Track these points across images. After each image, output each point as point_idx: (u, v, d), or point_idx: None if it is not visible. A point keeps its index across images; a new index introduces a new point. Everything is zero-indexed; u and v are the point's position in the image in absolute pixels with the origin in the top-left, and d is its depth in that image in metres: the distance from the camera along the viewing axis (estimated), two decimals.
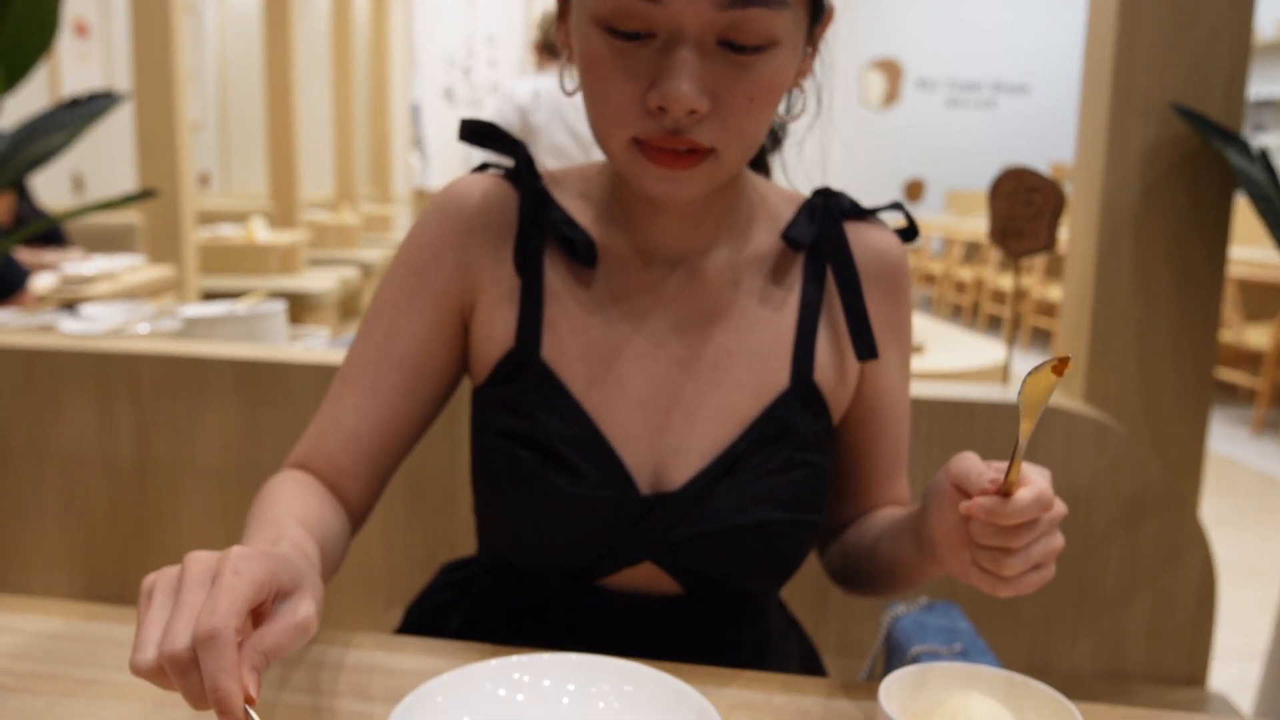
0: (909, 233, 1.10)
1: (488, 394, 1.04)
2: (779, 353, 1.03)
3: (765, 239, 1.06)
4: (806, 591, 1.62)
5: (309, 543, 0.87)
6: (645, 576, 1.01)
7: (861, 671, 1.38)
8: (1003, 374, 1.76)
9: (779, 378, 1.03)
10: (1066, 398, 1.60)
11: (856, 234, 1.07)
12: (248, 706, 0.65)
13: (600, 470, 0.99)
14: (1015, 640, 1.61)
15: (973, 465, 0.85)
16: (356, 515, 1.08)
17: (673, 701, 0.86)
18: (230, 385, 1.83)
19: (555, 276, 1.04)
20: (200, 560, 0.69)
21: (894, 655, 1.38)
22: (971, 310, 9.12)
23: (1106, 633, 1.58)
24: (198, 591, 0.67)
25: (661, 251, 1.04)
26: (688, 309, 1.03)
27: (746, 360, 1.02)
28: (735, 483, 0.99)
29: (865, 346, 1.04)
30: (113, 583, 1.98)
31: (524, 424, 1.00)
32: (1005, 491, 0.81)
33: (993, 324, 8.83)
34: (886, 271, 1.08)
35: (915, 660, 1.28)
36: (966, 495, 0.85)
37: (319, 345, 2.38)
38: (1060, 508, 0.84)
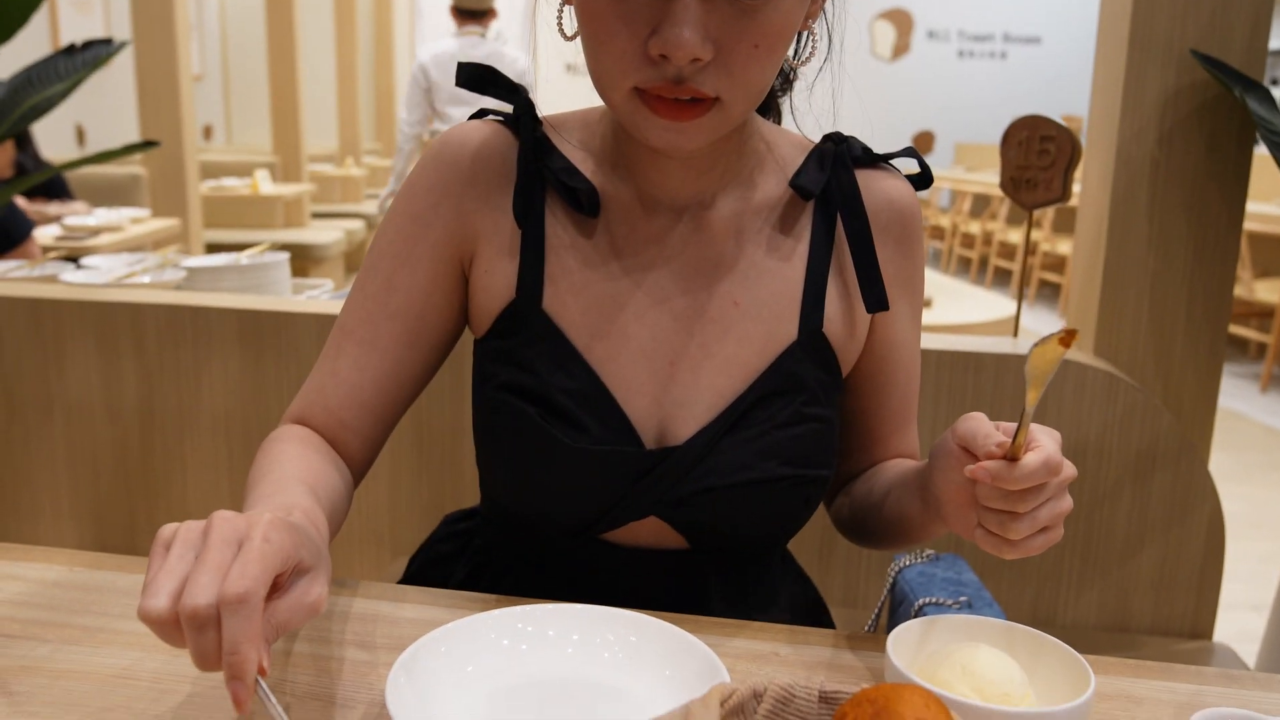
0: (922, 180, 1.07)
1: (489, 346, 1.03)
2: (787, 304, 1.01)
3: (773, 186, 1.04)
4: (812, 543, 1.62)
5: (318, 512, 0.85)
6: (650, 531, 1.01)
7: (867, 623, 1.38)
8: (1013, 328, 1.74)
9: (787, 330, 1.01)
10: (1077, 350, 1.58)
11: (868, 181, 1.05)
12: (260, 679, 0.64)
13: (603, 424, 0.97)
14: (1021, 592, 1.61)
15: (980, 427, 0.84)
16: (358, 469, 1.07)
17: (678, 652, 0.85)
18: (234, 335, 1.82)
19: (557, 226, 1.01)
20: (229, 520, 0.68)
21: (899, 607, 1.38)
22: (979, 265, 9.07)
23: (1113, 585, 1.58)
24: (224, 551, 0.66)
25: (665, 200, 1.01)
26: (693, 259, 1.01)
27: (753, 312, 1.01)
28: (741, 437, 0.98)
29: (876, 298, 1.02)
30: (121, 532, 1.98)
31: (526, 377, 0.98)
32: (1012, 456, 0.79)
33: (1001, 278, 8.79)
34: (899, 220, 1.06)
35: (920, 612, 1.28)
36: (973, 457, 0.84)
37: (323, 297, 2.37)
38: (1069, 470, 0.82)
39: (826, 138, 1.07)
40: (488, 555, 1.12)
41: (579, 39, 0.92)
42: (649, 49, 0.85)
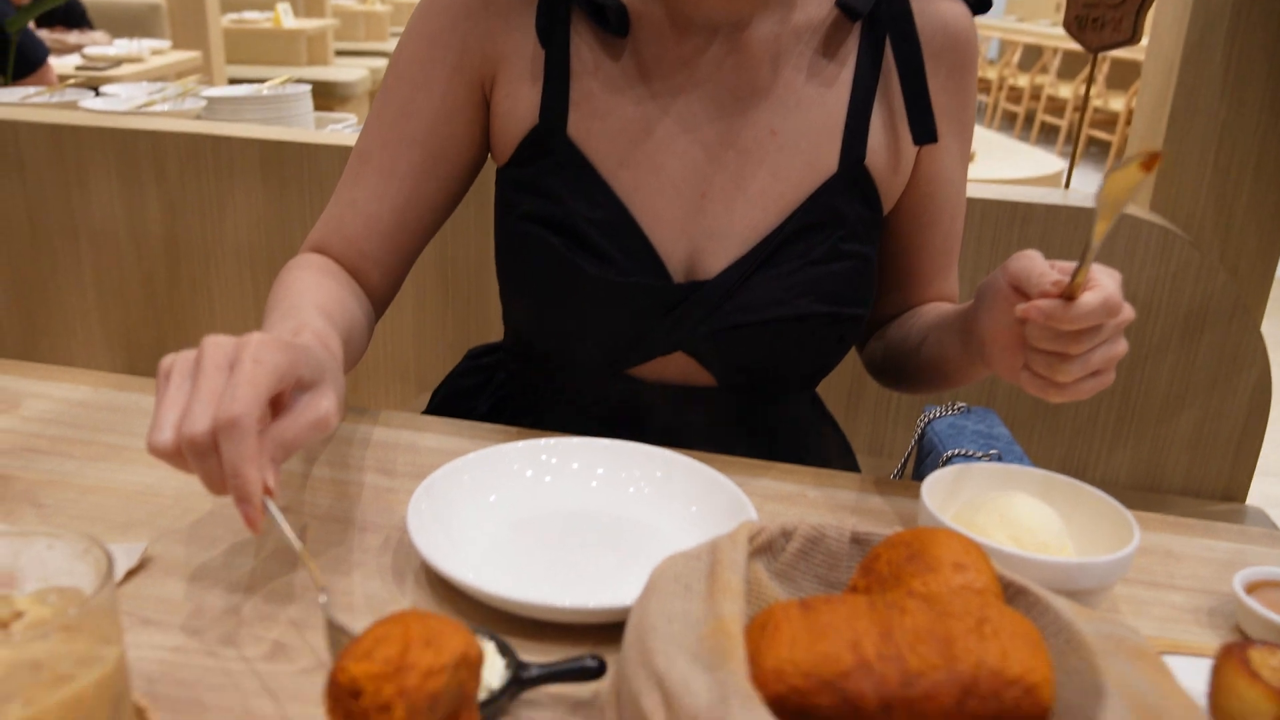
0: (980, 3, 0.99)
1: (511, 175, 0.98)
2: (828, 134, 0.95)
3: (817, 6, 0.96)
4: (840, 389, 1.60)
5: (331, 334, 0.82)
6: (677, 367, 0.98)
7: (892, 472, 1.37)
8: (1060, 183, 1.67)
9: (827, 161, 0.95)
10: (1130, 203, 1.51)
11: (921, 3, 0.97)
12: (266, 497, 0.63)
13: (631, 256, 0.93)
14: (1052, 447, 1.59)
15: (1034, 265, 0.79)
16: (379, 301, 1.04)
17: (705, 489, 0.83)
18: (256, 166, 1.78)
19: (582, 47, 0.95)
20: (219, 345, 0.65)
21: (926, 458, 1.36)
22: (1025, 120, 8.79)
23: (1147, 444, 1.55)
24: (216, 377, 0.64)
25: (699, 19, 0.94)
26: (727, 84, 0.95)
27: (792, 141, 0.95)
28: (775, 272, 0.94)
29: (924, 129, 0.96)
30: (150, 358, 1.99)
31: (550, 206, 0.94)
32: (1069, 295, 0.75)
33: (1047, 135, 8.52)
34: (952, 46, 0.98)
35: (948, 463, 1.26)
36: (1024, 296, 0.79)
37: (346, 131, 2.31)
38: (1127, 313, 0.77)
39: None
40: (511, 390, 1.10)
41: None
42: None
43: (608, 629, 0.67)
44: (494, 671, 0.59)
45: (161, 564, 0.74)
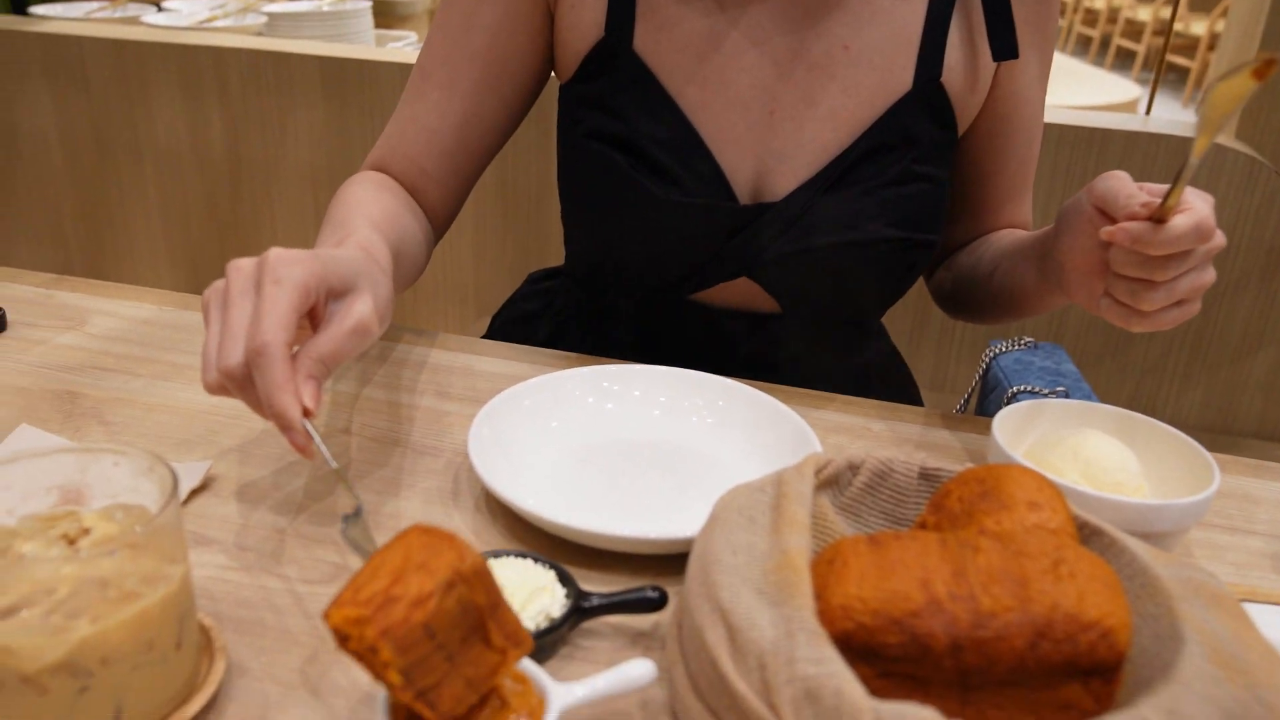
0: None
1: (575, 91, 0.95)
2: (903, 49, 0.91)
3: None
4: (903, 321, 1.57)
5: (379, 244, 0.78)
6: (741, 293, 0.96)
7: (955, 408, 1.34)
8: (1135, 110, 1.60)
9: (900, 78, 0.91)
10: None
11: None
12: (306, 421, 0.61)
13: (696, 176, 0.91)
14: (1120, 385, 1.55)
15: (1122, 186, 0.75)
16: (439, 221, 1.02)
17: (768, 419, 0.82)
18: (317, 84, 1.77)
19: None
20: (241, 269, 0.63)
21: (990, 393, 1.33)
22: (1100, 44, 8.48)
23: (1220, 384, 1.51)
24: (243, 305, 0.62)
25: None
26: None
27: (865, 57, 0.91)
28: (844, 195, 0.91)
29: (1005, 43, 0.91)
30: (214, 278, 2.01)
31: (614, 124, 0.91)
32: (1159, 217, 0.71)
33: (1123, 61, 8.22)
34: None
35: (1013, 400, 1.23)
36: (1110, 219, 0.76)
37: (407, 48, 2.29)
38: (1219, 239, 0.74)
39: None
40: (571, 314, 1.08)
41: None
42: None
43: (669, 560, 0.67)
44: (554, 601, 0.59)
45: (225, 483, 0.74)
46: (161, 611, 0.48)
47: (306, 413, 0.61)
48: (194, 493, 0.72)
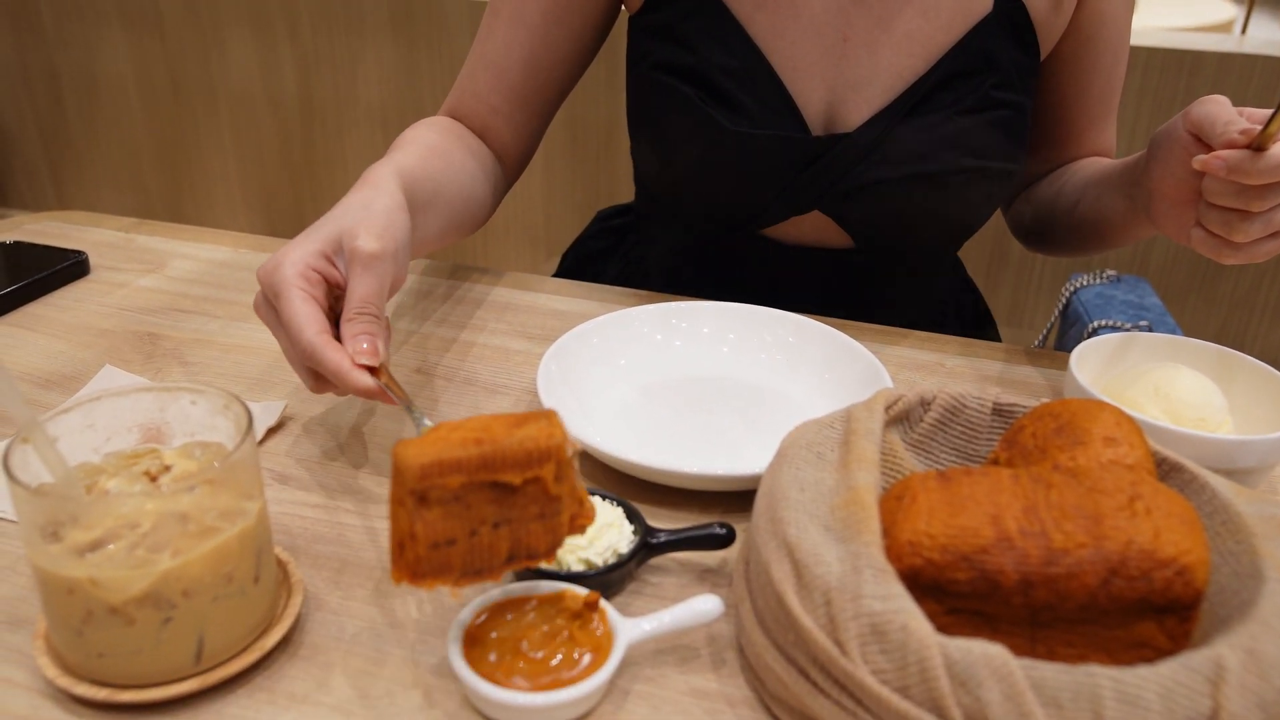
0: None
1: (644, 22, 0.94)
2: None
3: None
4: (980, 255, 1.53)
5: (384, 173, 0.75)
6: (814, 227, 0.94)
7: (1034, 343, 1.31)
8: (1231, 31, 1.53)
9: (980, 0, 0.89)
10: None
11: None
12: (381, 380, 0.63)
13: (767, 107, 0.89)
14: (1207, 320, 1.50)
15: (1220, 111, 0.72)
16: (511, 159, 1.02)
17: (839, 355, 0.81)
18: (386, 23, 1.77)
19: None
20: (257, 307, 0.67)
21: (1070, 329, 1.30)
22: None
23: None
24: (277, 332, 0.66)
25: None
26: None
27: None
28: (921, 123, 0.88)
29: None
30: (288, 219, 2.04)
31: (683, 54, 0.90)
32: (1259, 145, 0.68)
33: None
34: None
35: (1094, 335, 1.20)
36: (1206, 146, 0.72)
37: None
38: None
39: None
40: (641, 252, 1.08)
41: None
42: None
43: (736, 497, 0.67)
44: (622, 537, 0.59)
45: (300, 422, 0.76)
46: (240, 545, 0.49)
47: (375, 371, 0.63)
48: (270, 431, 0.74)
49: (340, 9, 1.80)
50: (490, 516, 0.49)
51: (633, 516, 0.61)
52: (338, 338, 0.64)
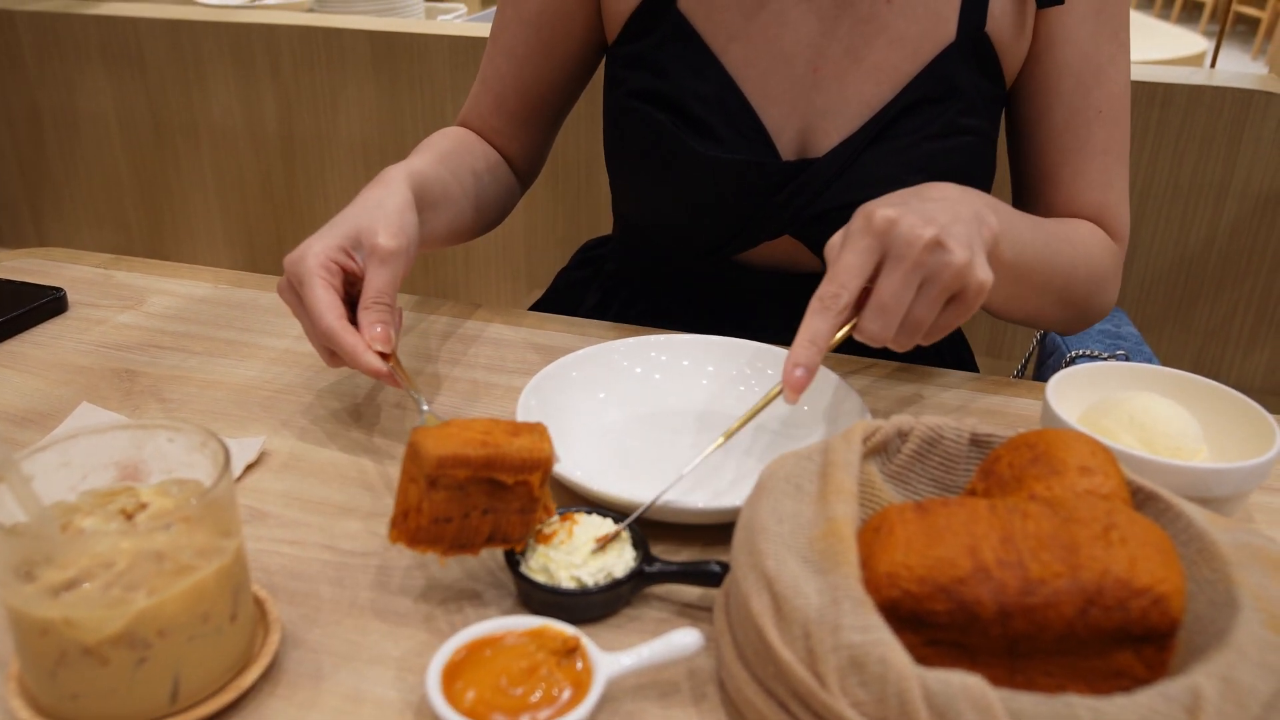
0: None
1: (621, 52, 0.96)
2: None
3: None
4: None
5: (395, 174, 0.83)
6: (785, 252, 0.95)
7: (1013, 373, 1.32)
8: (1201, 64, 1.55)
9: (944, 29, 0.89)
10: (1277, 80, 1.40)
11: None
12: (389, 365, 0.72)
13: (739, 133, 0.90)
14: (1183, 348, 1.52)
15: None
16: (521, 166, 1.08)
17: (818, 387, 0.81)
18: (367, 59, 1.78)
19: None
20: (282, 289, 0.76)
21: (1049, 359, 1.31)
22: None
23: None
24: (300, 315, 0.75)
25: None
26: None
27: (909, 8, 0.89)
28: (888, 149, 0.89)
29: None
30: (270, 255, 2.04)
31: (658, 82, 0.92)
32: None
33: (1189, 13, 7.97)
34: None
35: (1072, 364, 1.21)
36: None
37: (456, 20, 2.29)
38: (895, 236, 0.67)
39: None
40: (619, 280, 1.09)
41: None
42: None
43: (717, 530, 0.67)
44: (620, 561, 0.60)
45: (279, 458, 0.75)
46: (216, 583, 0.49)
47: (385, 356, 0.72)
48: (249, 467, 0.74)
49: (322, 45, 1.81)
50: (482, 504, 0.58)
51: (639, 544, 0.62)
52: (353, 322, 0.73)
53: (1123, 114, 0.94)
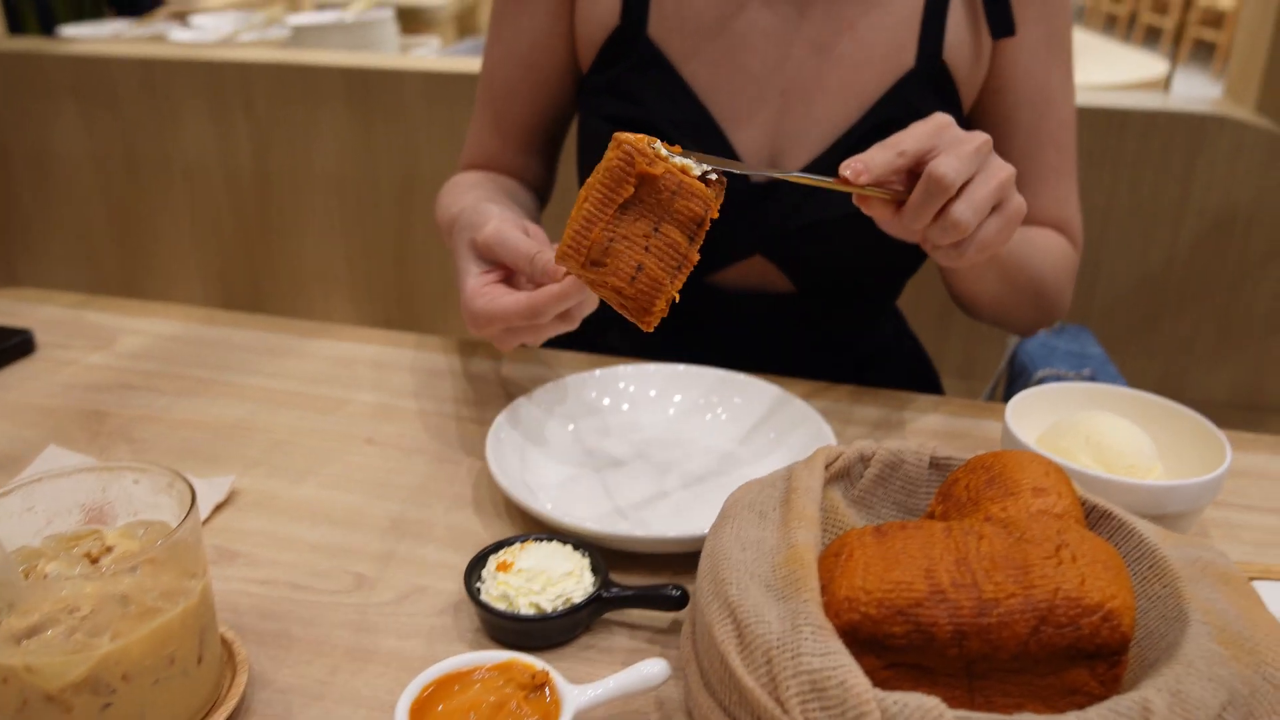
0: None
1: (593, 80, 0.99)
2: (906, 28, 0.92)
3: None
4: (929, 309, 1.56)
5: (499, 198, 0.91)
6: (756, 272, 0.97)
7: (983, 395, 1.34)
8: (1163, 87, 1.58)
9: (903, 56, 0.92)
10: (1236, 106, 1.43)
11: None
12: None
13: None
14: (1149, 367, 1.54)
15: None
16: (540, 191, 1.12)
17: (783, 414, 0.82)
18: (341, 94, 1.79)
19: None
20: (483, 329, 0.77)
21: (1018, 378, 1.33)
22: (1128, 21, 8.36)
23: (1249, 362, 1.49)
24: (517, 322, 0.76)
25: None
26: None
27: (870, 35, 0.92)
28: None
29: (1000, 20, 0.91)
30: (244, 292, 2.04)
31: (630, 108, 0.94)
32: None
33: (1150, 37, 8.10)
34: None
35: (1040, 384, 1.23)
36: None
37: (430, 54, 2.31)
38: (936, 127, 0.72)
39: None
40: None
41: None
42: None
43: (686, 558, 0.67)
44: (579, 587, 0.60)
45: (248, 497, 0.76)
46: (182, 626, 0.49)
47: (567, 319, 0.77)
48: (218, 507, 0.74)
49: (296, 81, 1.81)
50: (643, 241, 0.66)
51: (597, 569, 0.62)
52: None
53: (1072, 136, 1.00)
